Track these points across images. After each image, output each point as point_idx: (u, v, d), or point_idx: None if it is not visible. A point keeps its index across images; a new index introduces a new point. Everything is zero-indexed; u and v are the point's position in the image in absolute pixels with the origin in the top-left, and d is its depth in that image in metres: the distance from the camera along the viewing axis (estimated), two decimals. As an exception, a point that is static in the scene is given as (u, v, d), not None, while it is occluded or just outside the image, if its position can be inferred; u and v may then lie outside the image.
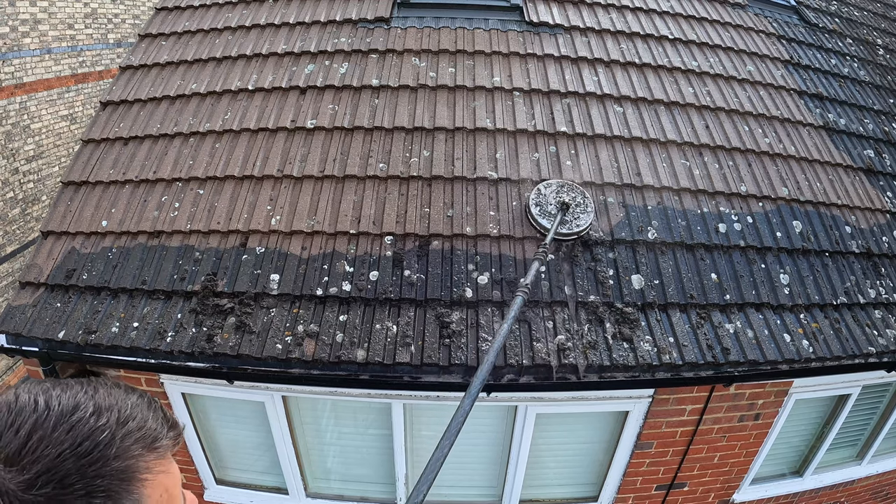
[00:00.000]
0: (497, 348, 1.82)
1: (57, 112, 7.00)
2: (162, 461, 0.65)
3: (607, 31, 3.67)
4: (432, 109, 3.12)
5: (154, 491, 0.63)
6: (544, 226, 2.62)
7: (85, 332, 2.43)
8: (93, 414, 0.60)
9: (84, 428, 0.58)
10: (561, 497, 3.33)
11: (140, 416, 0.64)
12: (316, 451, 3.12)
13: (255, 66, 3.36)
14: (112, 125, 3.15)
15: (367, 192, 2.82)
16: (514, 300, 2.12)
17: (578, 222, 2.64)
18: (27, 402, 0.59)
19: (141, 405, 0.66)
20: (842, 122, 3.57)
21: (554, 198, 2.68)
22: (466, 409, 1.53)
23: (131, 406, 0.64)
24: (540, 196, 2.70)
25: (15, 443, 0.55)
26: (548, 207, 2.66)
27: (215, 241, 2.69)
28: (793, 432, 3.40)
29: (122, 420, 0.62)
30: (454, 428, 1.47)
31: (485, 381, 1.67)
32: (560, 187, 2.72)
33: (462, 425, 1.49)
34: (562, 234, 2.62)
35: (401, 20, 3.61)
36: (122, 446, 0.60)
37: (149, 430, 0.64)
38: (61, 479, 0.54)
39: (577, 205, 2.67)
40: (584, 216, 2.64)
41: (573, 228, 2.62)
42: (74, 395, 0.61)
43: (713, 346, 2.51)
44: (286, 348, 2.37)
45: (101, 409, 0.61)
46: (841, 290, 2.84)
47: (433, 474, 1.31)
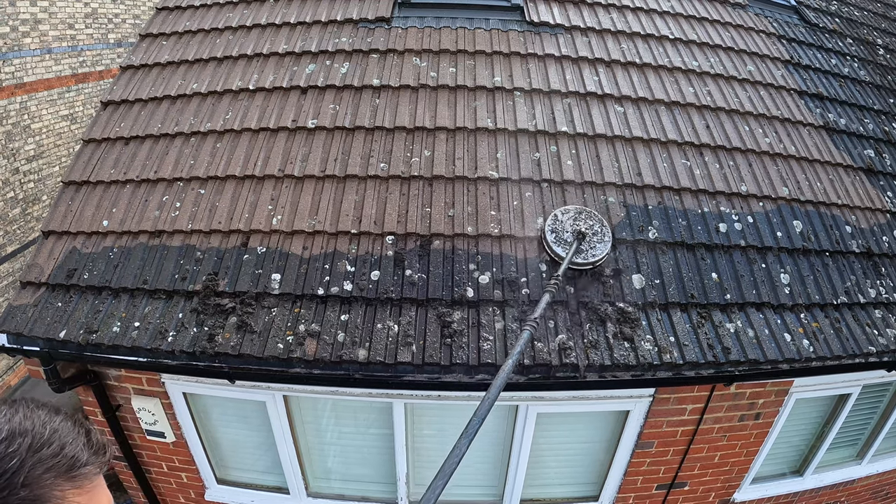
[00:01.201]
0: (500, 384, 1.72)
1: (57, 112, 7.00)
2: (79, 490, 0.63)
3: (608, 30, 3.67)
4: (433, 109, 3.13)
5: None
6: (559, 254, 2.53)
7: (86, 332, 2.43)
8: (4, 440, 0.58)
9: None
10: (562, 496, 3.33)
11: (57, 443, 0.62)
12: (317, 450, 3.12)
13: (256, 65, 3.36)
14: (113, 125, 3.15)
15: (369, 192, 2.83)
16: (522, 335, 2.01)
17: (594, 252, 2.54)
18: None
19: (63, 430, 0.64)
20: (842, 122, 3.57)
21: (571, 225, 2.58)
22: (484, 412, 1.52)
23: (49, 432, 0.62)
24: (556, 223, 2.61)
25: None
26: (564, 235, 2.56)
27: (216, 240, 2.69)
28: (793, 432, 3.41)
29: (34, 447, 0.60)
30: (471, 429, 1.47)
31: (484, 419, 1.61)
32: (578, 214, 2.62)
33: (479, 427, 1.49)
34: (576, 263, 2.53)
35: (401, 20, 3.61)
36: (32, 475, 0.58)
37: (65, 458, 0.62)
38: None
39: (595, 234, 2.56)
40: (601, 246, 2.54)
41: (588, 258, 2.52)
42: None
43: (714, 345, 2.51)
44: (287, 348, 2.37)
45: (14, 435, 0.59)
46: (841, 290, 2.84)
47: (450, 473, 1.31)
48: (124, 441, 3.01)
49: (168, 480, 3.26)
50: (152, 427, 2.90)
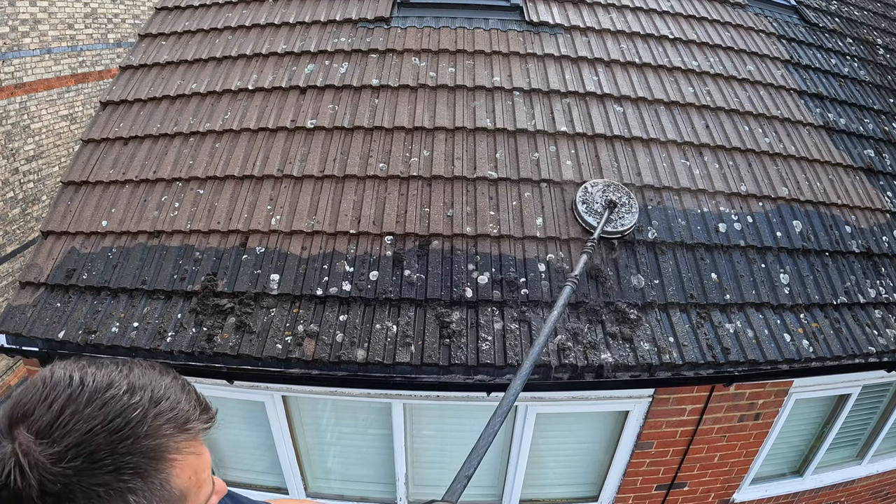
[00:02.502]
0: (548, 332, 1.88)
1: (57, 112, 7.00)
2: (193, 443, 0.65)
3: (607, 30, 3.66)
4: (432, 109, 3.12)
5: (183, 471, 0.63)
6: (590, 223, 2.67)
7: (85, 332, 2.43)
8: (126, 392, 0.60)
9: (116, 405, 0.59)
10: (561, 497, 3.33)
11: (173, 398, 0.64)
12: (316, 451, 3.12)
13: (255, 65, 3.35)
14: (112, 125, 3.15)
15: (367, 192, 2.82)
16: (564, 289, 2.17)
17: (623, 221, 2.68)
18: (62, 377, 0.60)
19: (174, 387, 0.66)
20: (842, 122, 3.57)
21: (600, 196, 2.73)
22: (518, 387, 1.59)
23: (165, 387, 0.65)
24: (587, 194, 2.75)
25: (47, 416, 0.56)
26: (594, 206, 2.71)
27: (215, 240, 2.69)
28: (793, 432, 3.40)
29: (154, 399, 0.62)
30: (505, 406, 1.52)
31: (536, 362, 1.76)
32: (606, 186, 2.77)
33: (514, 402, 1.54)
34: (607, 232, 2.66)
35: (401, 20, 3.61)
36: (154, 425, 0.60)
37: (181, 412, 0.64)
38: (91, 453, 0.55)
39: (623, 204, 2.71)
40: (629, 216, 2.69)
41: (618, 227, 2.66)
42: (109, 374, 0.62)
43: (713, 345, 2.51)
44: (286, 348, 2.37)
45: (134, 388, 0.61)
46: (841, 290, 2.84)
47: (477, 461, 1.34)
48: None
49: (167, 481, 3.26)
50: (151, 427, 2.89)
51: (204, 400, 0.71)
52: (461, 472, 1.31)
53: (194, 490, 0.65)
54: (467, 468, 1.32)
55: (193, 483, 0.65)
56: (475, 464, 1.35)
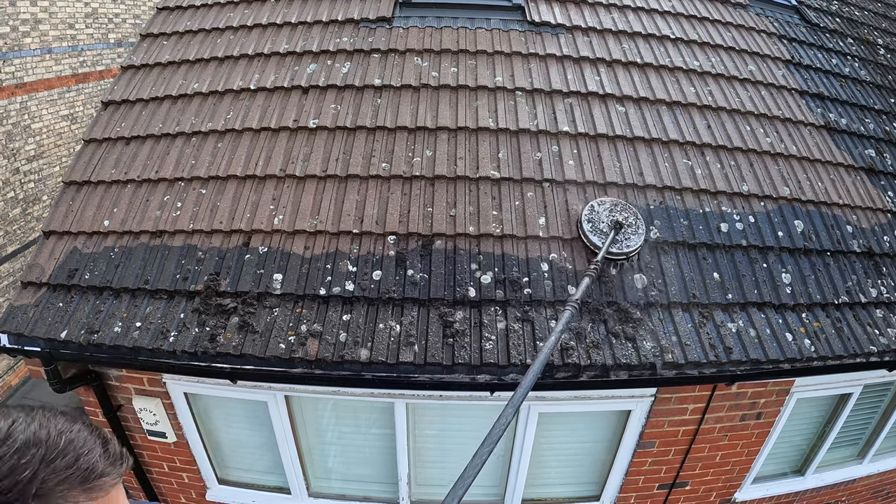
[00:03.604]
0: (542, 360, 1.84)
1: (58, 112, 7.00)
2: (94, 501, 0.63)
3: (609, 30, 3.67)
4: (435, 109, 3.12)
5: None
6: (595, 243, 2.61)
7: (87, 332, 2.43)
8: (16, 451, 0.58)
9: (6, 465, 0.57)
10: (563, 496, 3.33)
11: (72, 454, 0.62)
12: (318, 450, 3.12)
13: (257, 65, 3.35)
14: (113, 125, 3.14)
15: (370, 192, 2.82)
16: (563, 314, 2.14)
17: (629, 243, 2.62)
18: None
19: (79, 440, 0.64)
20: (843, 122, 3.58)
21: (607, 216, 2.67)
22: (507, 420, 1.58)
23: (64, 442, 0.62)
24: (593, 213, 2.70)
25: None
26: (600, 225, 2.66)
27: (218, 240, 2.69)
28: (794, 431, 3.41)
29: (48, 458, 0.60)
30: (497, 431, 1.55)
31: (524, 397, 1.71)
32: (613, 206, 2.71)
33: (501, 435, 1.56)
34: (612, 253, 2.60)
35: (403, 20, 3.61)
36: (46, 486, 0.58)
37: (78, 469, 0.62)
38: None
39: (629, 225, 2.65)
40: (635, 237, 2.63)
41: (623, 249, 2.60)
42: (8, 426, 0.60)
43: (715, 345, 2.51)
44: (289, 348, 2.37)
45: (27, 445, 0.59)
46: (842, 290, 2.84)
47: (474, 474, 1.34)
48: (125, 441, 3.01)
49: (169, 480, 3.26)
50: (153, 427, 2.90)
51: (117, 450, 0.69)
52: (454, 491, 1.32)
53: None
54: (460, 487, 1.36)
55: None
56: (468, 483, 1.39)
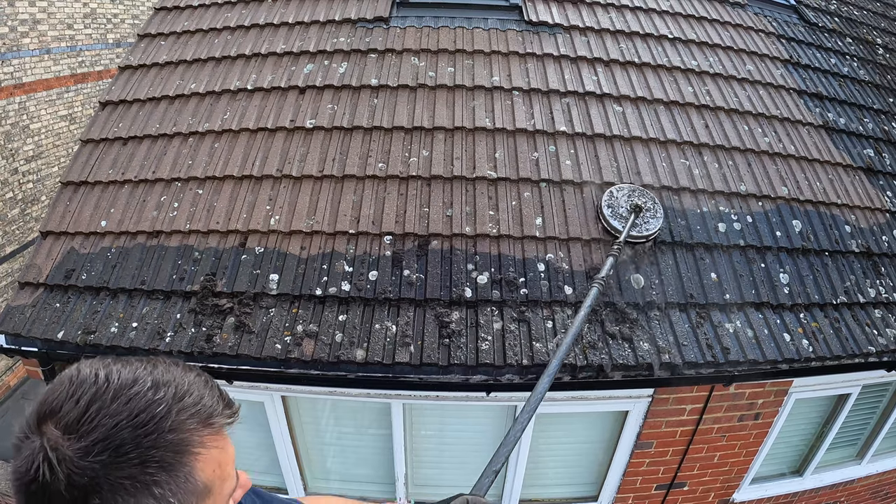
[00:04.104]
0: (574, 333, 1.92)
1: (56, 112, 7.00)
2: (216, 437, 0.67)
3: (606, 30, 3.66)
4: (431, 109, 3.12)
5: (207, 465, 0.64)
6: (616, 227, 2.67)
7: (84, 333, 2.43)
8: (150, 388, 0.62)
9: (141, 401, 0.60)
10: (561, 497, 3.33)
11: (196, 393, 0.66)
12: (315, 450, 3.12)
13: (254, 65, 3.35)
14: (111, 125, 3.14)
15: (367, 192, 2.82)
16: (590, 291, 2.20)
17: (648, 226, 2.68)
18: (88, 375, 0.62)
19: (198, 383, 0.68)
20: (841, 122, 3.57)
21: (626, 201, 2.74)
22: (541, 392, 1.61)
23: (188, 383, 0.66)
24: (612, 199, 2.76)
25: (75, 412, 0.58)
26: (619, 210, 2.72)
27: (214, 240, 2.69)
28: (793, 432, 3.40)
29: (178, 395, 0.63)
30: (533, 402, 1.55)
31: (561, 365, 1.79)
32: (632, 191, 2.78)
33: (535, 410, 1.55)
34: (633, 236, 2.66)
35: (400, 20, 3.61)
36: (178, 420, 0.62)
37: (204, 407, 0.66)
38: (117, 447, 0.57)
39: (648, 209, 2.72)
40: (654, 221, 2.69)
41: (643, 232, 2.66)
42: (134, 371, 0.64)
43: (713, 345, 2.50)
44: (285, 348, 2.37)
45: (158, 384, 0.63)
46: (841, 290, 2.83)
47: (499, 465, 1.36)
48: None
49: (166, 481, 3.26)
50: (150, 428, 2.89)
51: (227, 395, 0.73)
52: (489, 467, 1.35)
53: (218, 483, 0.67)
54: (495, 463, 1.36)
55: (217, 476, 0.66)
56: (503, 459, 1.38)
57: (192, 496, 0.62)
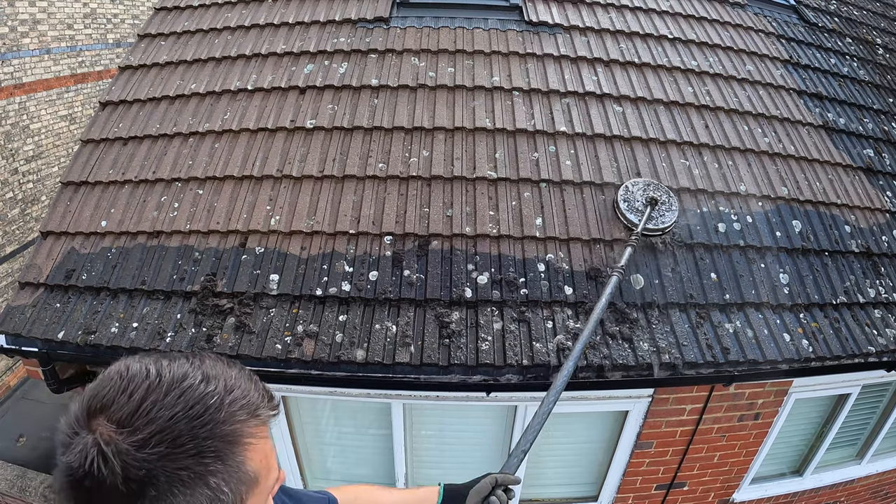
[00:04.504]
0: (595, 320, 1.97)
1: (56, 112, 7.00)
2: (263, 428, 0.69)
3: (607, 30, 3.66)
4: (431, 109, 3.12)
5: (256, 454, 0.66)
6: (632, 220, 2.70)
7: (84, 333, 2.43)
8: (202, 381, 0.64)
9: (195, 393, 0.62)
10: (561, 497, 3.33)
11: (244, 386, 0.68)
12: (315, 450, 3.12)
13: (255, 65, 3.35)
14: (111, 125, 3.14)
15: (367, 192, 2.82)
16: (610, 279, 2.23)
17: (664, 219, 2.71)
18: (139, 370, 0.63)
19: (242, 377, 0.70)
20: (841, 122, 3.57)
21: (641, 195, 2.77)
22: (562, 382, 1.67)
23: (234, 377, 0.68)
24: (628, 192, 2.79)
25: (128, 406, 0.59)
26: (635, 203, 2.75)
27: (214, 241, 2.69)
28: (792, 432, 3.40)
29: (228, 388, 0.65)
30: (559, 384, 1.64)
31: (581, 355, 1.86)
32: (647, 185, 2.81)
33: (556, 401, 1.64)
34: (649, 229, 2.68)
35: (400, 20, 3.61)
36: (230, 411, 0.63)
37: (252, 399, 0.68)
38: (174, 439, 0.58)
39: (663, 203, 2.75)
40: (669, 214, 2.72)
41: (658, 224, 2.70)
42: (182, 365, 0.65)
43: (713, 345, 2.51)
44: (286, 348, 2.37)
45: (208, 378, 0.65)
46: (840, 290, 2.84)
47: (524, 450, 1.42)
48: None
49: (167, 481, 3.26)
50: (151, 428, 2.90)
51: (268, 389, 0.74)
52: (518, 448, 1.40)
53: (265, 473, 0.68)
54: (524, 443, 1.42)
55: (264, 466, 0.68)
56: (531, 439, 1.44)
57: (243, 485, 0.64)
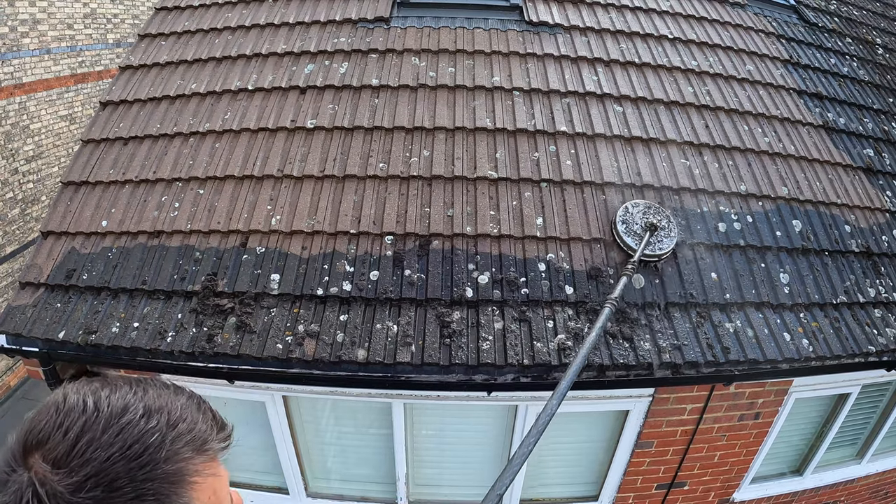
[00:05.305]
0: (584, 354, 1.98)
1: (56, 112, 7.00)
2: (211, 464, 0.64)
3: (607, 30, 3.67)
4: (432, 109, 3.12)
5: (203, 493, 0.62)
6: (629, 244, 2.65)
7: (85, 333, 2.43)
8: (142, 416, 0.59)
9: (134, 430, 0.58)
10: (561, 496, 3.33)
11: (190, 419, 0.63)
12: (316, 450, 3.12)
13: (255, 65, 3.35)
14: (111, 125, 3.14)
15: (368, 192, 2.82)
16: (602, 311, 2.23)
17: (661, 245, 2.66)
18: (76, 402, 0.58)
19: (190, 407, 0.65)
20: (841, 122, 3.57)
21: (641, 218, 2.72)
22: (550, 413, 1.68)
23: (181, 408, 0.63)
24: (627, 214, 2.74)
25: (63, 445, 0.55)
26: (633, 227, 2.70)
27: (215, 240, 2.69)
28: (793, 431, 3.41)
29: (171, 423, 0.61)
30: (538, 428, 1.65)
31: (570, 386, 1.88)
32: (647, 208, 2.76)
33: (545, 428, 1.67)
34: (646, 255, 2.63)
35: (400, 20, 3.61)
36: (173, 449, 0.59)
37: (198, 433, 0.63)
38: (111, 481, 0.54)
39: (662, 228, 2.69)
40: (668, 240, 2.67)
41: (656, 251, 2.64)
42: (123, 397, 0.60)
43: (713, 345, 2.51)
44: (287, 348, 2.37)
45: (150, 412, 0.60)
46: (841, 290, 2.84)
47: (518, 467, 1.39)
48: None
49: (167, 481, 3.26)
50: (151, 427, 2.90)
51: (220, 418, 0.70)
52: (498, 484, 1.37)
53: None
54: (502, 483, 1.43)
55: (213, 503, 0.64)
56: (515, 471, 1.48)
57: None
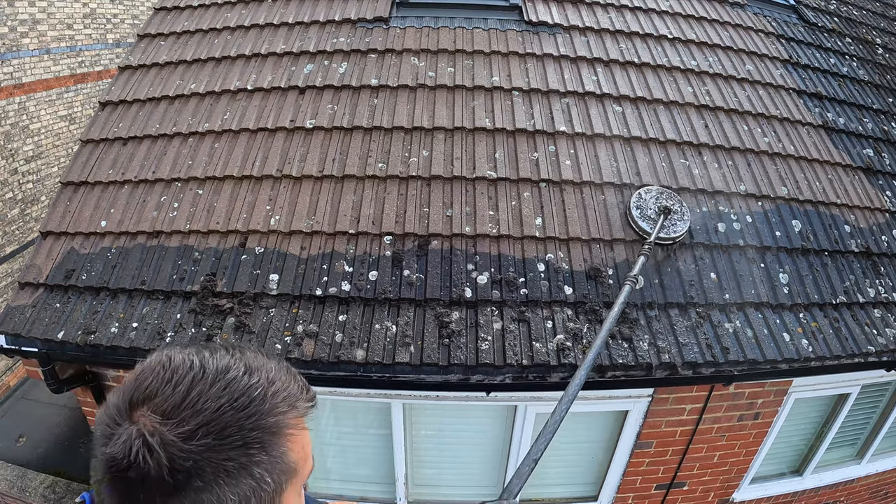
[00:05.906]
0: (607, 329, 2.05)
1: (56, 112, 6.99)
2: (301, 420, 0.70)
3: (606, 30, 3.66)
4: (431, 109, 3.12)
5: (296, 445, 0.67)
6: (644, 228, 2.70)
7: (84, 333, 2.43)
8: (245, 373, 0.64)
9: (239, 385, 0.62)
10: (561, 496, 3.33)
11: (284, 378, 0.68)
12: (315, 450, 3.11)
13: (254, 65, 3.35)
14: (111, 125, 3.14)
15: (367, 192, 2.82)
16: (623, 288, 2.30)
17: (675, 228, 2.71)
18: (182, 361, 0.63)
19: (281, 369, 0.70)
20: (841, 122, 3.57)
21: (654, 202, 2.77)
22: (576, 388, 1.73)
23: (275, 369, 0.69)
24: (640, 200, 2.79)
25: (174, 397, 0.59)
26: (647, 211, 2.75)
27: (214, 241, 2.69)
28: (792, 431, 3.41)
29: (270, 380, 0.66)
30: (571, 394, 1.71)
31: (594, 363, 1.95)
32: (660, 193, 2.81)
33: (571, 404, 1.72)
34: (661, 238, 2.68)
35: (400, 20, 3.61)
36: (273, 403, 0.64)
37: (292, 392, 0.68)
38: (220, 430, 0.58)
39: (675, 212, 2.74)
40: (681, 223, 2.72)
41: (670, 234, 2.69)
42: (223, 357, 0.65)
43: (712, 345, 2.51)
44: (285, 348, 2.37)
45: (251, 370, 0.65)
46: (840, 290, 2.84)
47: (530, 467, 1.41)
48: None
49: (167, 481, 3.26)
50: (151, 428, 2.90)
51: (305, 382, 0.75)
52: (524, 463, 1.40)
53: (302, 463, 0.69)
54: (535, 452, 1.44)
55: (302, 456, 0.69)
56: (542, 448, 1.46)
57: (284, 475, 0.64)
